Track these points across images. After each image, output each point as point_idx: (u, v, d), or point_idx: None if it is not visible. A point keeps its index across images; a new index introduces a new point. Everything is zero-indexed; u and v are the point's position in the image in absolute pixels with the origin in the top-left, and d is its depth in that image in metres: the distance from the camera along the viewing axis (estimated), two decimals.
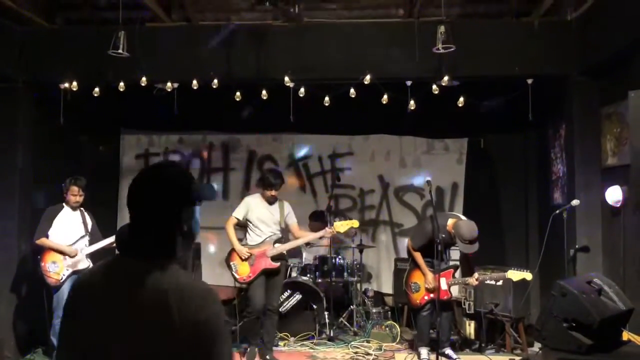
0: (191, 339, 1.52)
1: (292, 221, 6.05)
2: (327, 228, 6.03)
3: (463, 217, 5.90)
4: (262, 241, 5.89)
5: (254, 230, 5.94)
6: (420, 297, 5.91)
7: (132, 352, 1.55)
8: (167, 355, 1.52)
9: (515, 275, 5.64)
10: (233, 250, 5.92)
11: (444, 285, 5.78)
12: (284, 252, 6.01)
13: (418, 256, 5.91)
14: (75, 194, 5.93)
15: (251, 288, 5.85)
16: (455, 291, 6.85)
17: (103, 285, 1.63)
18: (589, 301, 4.13)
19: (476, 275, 5.81)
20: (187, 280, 1.61)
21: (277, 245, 5.93)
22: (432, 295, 5.78)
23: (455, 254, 6.23)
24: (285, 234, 6.22)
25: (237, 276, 5.88)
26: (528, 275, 5.60)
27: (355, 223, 6.15)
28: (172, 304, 1.53)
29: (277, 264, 5.88)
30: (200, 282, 1.68)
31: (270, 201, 5.94)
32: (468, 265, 5.97)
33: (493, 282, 6.03)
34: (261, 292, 5.84)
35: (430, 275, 5.78)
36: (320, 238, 6.35)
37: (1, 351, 5.47)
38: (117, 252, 2.85)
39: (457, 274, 6.11)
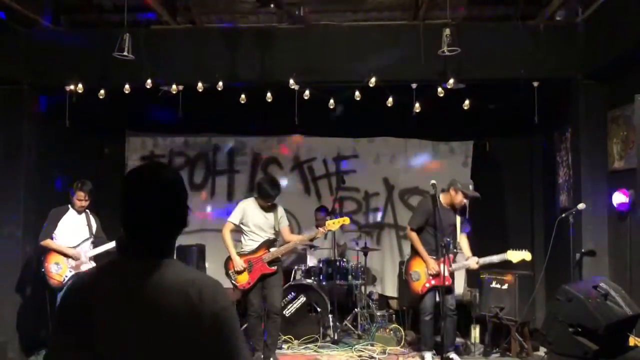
0: (213, 328, 1.56)
1: (284, 225, 6.03)
2: (319, 228, 6.03)
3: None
4: (257, 246, 5.89)
5: (249, 235, 5.93)
6: (421, 285, 5.83)
7: (152, 352, 1.55)
8: (192, 348, 1.54)
9: (514, 256, 5.65)
10: (230, 258, 5.91)
11: (445, 272, 5.72)
12: (280, 255, 6.01)
13: (418, 241, 5.86)
14: (81, 199, 5.96)
15: (250, 292, 5.87)
16: (460, 288, 6.83)
17: (109, 288, 1.62)
18: (594, 306, 4.10)
19: (476, 258, 5.78)
20: (197, 274, 1.67)
21: (272, 249, 5.92)
22: (433, 282, 5.72)
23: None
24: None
25: (236, 284, 5.89)
26: (527, 256, 5.62)
27: (346, 220, 6.12)
28: (193, 297, 1.56)
29: (274, 268, 5.88)
30: (206, 275, 1.72)
31: (265, 208, 5.93)
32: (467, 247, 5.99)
33: (495, 261, 5.89)
34: (259, 294, 5.90)
35: (431, 262, 5.74)
36: (312, 239, 6.34)
37: (5, 353, 5.48)
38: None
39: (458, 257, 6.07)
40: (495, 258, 5.80)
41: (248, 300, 5.90)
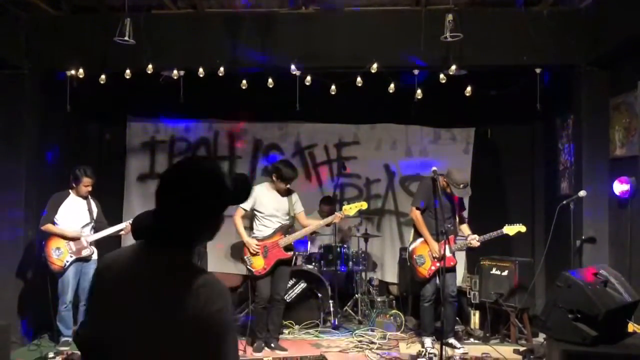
0: (200, 330, 1.55)
1: (299, 210, 6.02)
2: (336, 213, 6.01)
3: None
4: (272, 232, 5.87)
5: (262, 220, 5.90)
6: (427, 268, 5.86)
7: (142, 337, 1.59)
8: (175, 343, 1.56)
9: (511, 229, 5.90)
10: (244, 243, 5.91)
11: (447, 252, 5.73)
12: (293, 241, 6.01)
13: (422, 223, 5.90)
14: (88, 184, 5.98)
15: (262, 279, 5.85)
16: (459, 280, 6.85)
17: (126, 271, 1.68)
18: (594, 292, 4.11)
19: (476, 236, 5.90)
20: (199, 273, 1.64)
21: (288, 235, 5.91)
22: (438, 264, 5.74)
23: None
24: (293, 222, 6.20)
25: (252, 269, 5.86)
26: (522, 228, 5.90)
27: (364, 205, 6.12)
28: (186, 295, 1.57)
29: (290, 253, 5.89)
30: (210, 275, 1.68)
31: (282, 192, 5.91)
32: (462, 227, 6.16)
33: (494, 236, 5.99)
34: (268, 282, 5.87)
35: (435, 245, 5.77)
36: (329, 224, 6.30)
37: (8, 337, 5.50)
38: (135, 239, 2.80)
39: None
40: (494, 234, 5.95)
41: (257, 287, 5.87)
